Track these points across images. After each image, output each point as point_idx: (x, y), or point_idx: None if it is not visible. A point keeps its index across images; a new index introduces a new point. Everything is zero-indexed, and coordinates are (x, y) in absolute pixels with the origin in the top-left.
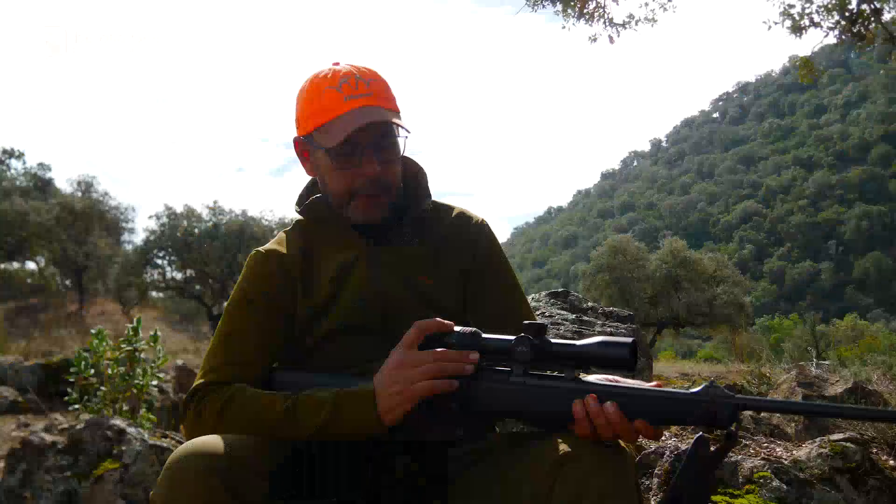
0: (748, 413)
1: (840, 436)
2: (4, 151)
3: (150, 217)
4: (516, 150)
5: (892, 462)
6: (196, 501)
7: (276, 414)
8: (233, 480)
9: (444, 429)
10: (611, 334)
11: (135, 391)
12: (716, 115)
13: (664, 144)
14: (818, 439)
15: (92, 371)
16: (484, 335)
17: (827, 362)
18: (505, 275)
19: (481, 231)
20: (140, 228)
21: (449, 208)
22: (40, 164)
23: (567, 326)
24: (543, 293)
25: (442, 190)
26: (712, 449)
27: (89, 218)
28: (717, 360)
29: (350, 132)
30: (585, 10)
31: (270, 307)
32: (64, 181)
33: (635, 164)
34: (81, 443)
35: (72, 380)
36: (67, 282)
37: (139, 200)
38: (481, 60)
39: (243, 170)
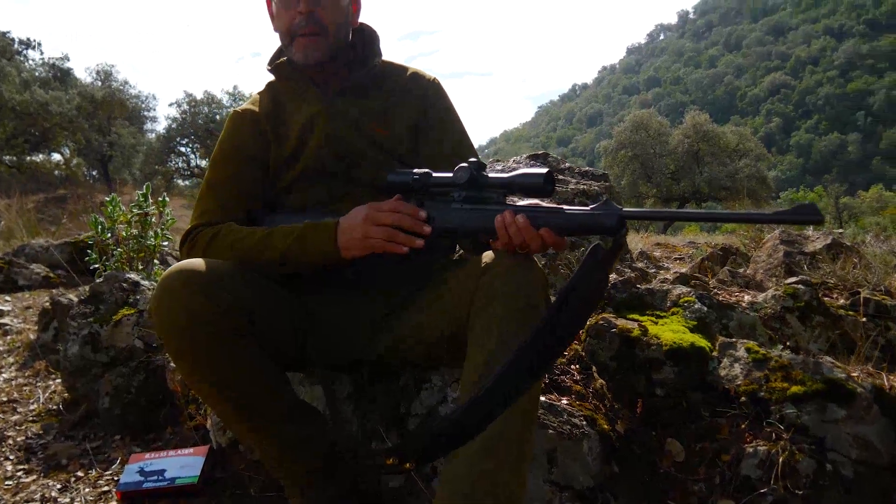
0: (726, 268)
1: (794, 279)
2: (21, 42)
3: (171, 105)
4: (537, 26)
5: (841, 301)
6: (179, 306)
7: (254, 240)
8: (209, 289)
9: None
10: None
11: (147, 251)
12: None
13: (692, 16)
14: (777, 285)
15: (109, 235)
16: (434, 174)
17: (842, 231)
18: (453, 127)
19: (431, 88)
20: (162, 116)
21: (404, 69)
22: (59, 55)
23: None
24: (524, 155)
25: (458, 70)
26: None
27: (110, 107)
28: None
29: None
30: None
31: (247, 158)
32: (83, 71)
33: (662, 37)
34: (101, 294)
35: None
36: (94, 172)
37: (159, 88)
38: None
39: (259, 55)
